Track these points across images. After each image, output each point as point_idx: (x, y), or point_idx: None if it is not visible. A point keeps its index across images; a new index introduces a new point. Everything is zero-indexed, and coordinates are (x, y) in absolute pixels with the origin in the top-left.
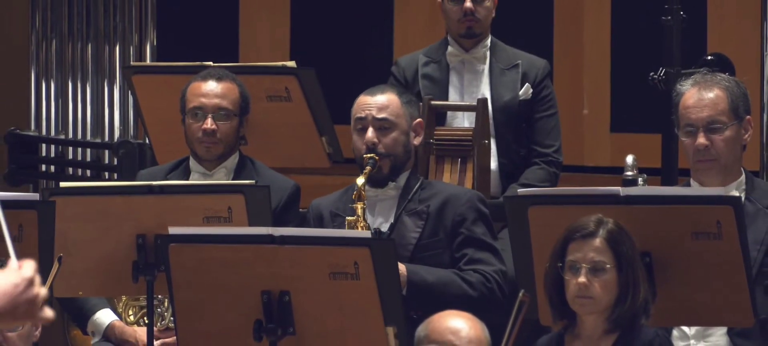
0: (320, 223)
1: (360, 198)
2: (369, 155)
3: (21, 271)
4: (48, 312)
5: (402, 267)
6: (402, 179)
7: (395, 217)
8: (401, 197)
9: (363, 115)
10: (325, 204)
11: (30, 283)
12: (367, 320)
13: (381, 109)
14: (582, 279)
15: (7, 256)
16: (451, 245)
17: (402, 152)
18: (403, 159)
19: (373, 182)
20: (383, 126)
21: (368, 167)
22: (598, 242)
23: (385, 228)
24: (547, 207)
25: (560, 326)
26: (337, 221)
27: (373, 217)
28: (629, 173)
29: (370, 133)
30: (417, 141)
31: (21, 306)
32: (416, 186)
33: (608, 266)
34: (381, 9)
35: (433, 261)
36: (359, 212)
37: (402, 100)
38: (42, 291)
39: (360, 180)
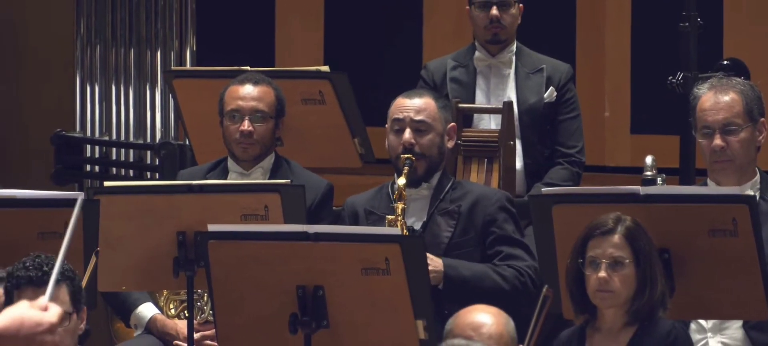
0: (355, 219)
1: (401, 198)
2: (406, 156)
3: (48, 313)
4: None
5: (439, 262)
6: (434, 179)
7: (428, 216)
8: (433, 197)
9: (401, 116)
10: (359, 202)
11: (51, 329)
12: (397, 313)
13: (418, 111)
14: (602, 274)
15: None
16: (482, 243)
17: (437, 154)
18: (438, 161)
19: (408, 181)
20: (420, 128)
21: (406, 168)
22: (616, 238)
23: (417, 227)
24: (570, 206)
25: (582, 320)
26: (371, 218)
27: (407, 216)
28: (649, 173)
29: (408, 134)
30: (450, 144)
31: (34, 344)
32: (448, 186)
33: (627, 260)
34: (411, 16)
35: (465, 259)
36: (399, 211)
37: (438, 104)
38: (57, 340)
39: (401, 181)
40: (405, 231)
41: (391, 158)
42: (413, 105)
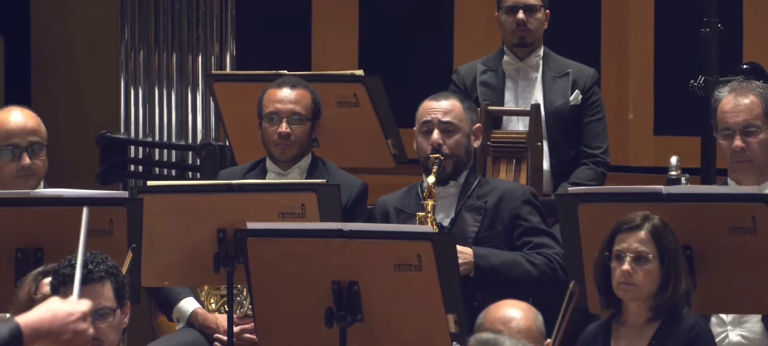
0: (386, 218)
1: (430, 195)
2: (434, 156)
3: (78, 304)
4: None
5: (469, 251)
6: (462, 177)
7: (455, 212)
8: (461, 194)
9: (429, 118)
10: (390, 201)
11: (83, 317)
12: (429, 308)
13: (446, 113)
14: (625, 267)
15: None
16: (509, 237)
17: (463, 154)
18: (465, 160)
19: (436, 180)
20: (447, 129)
21: (435, 167)
22: (643, 234)
23: (446, 223)
24: (596, 204)
25: (607, 315)
26: (401, 216)
27: (435, 213)
28: (674, 173)
29: (436, 135)
30: (476, 144)
31: (67, 334)
32: (474, 184)
33: (650, 256)
34: (442, 21)
35: None
36: (429, 208)
37: (464, 106)
38: (91, 330)
39: (430, 179)
40: (435, 227)
41: (419, 159)
42: (440, 107)
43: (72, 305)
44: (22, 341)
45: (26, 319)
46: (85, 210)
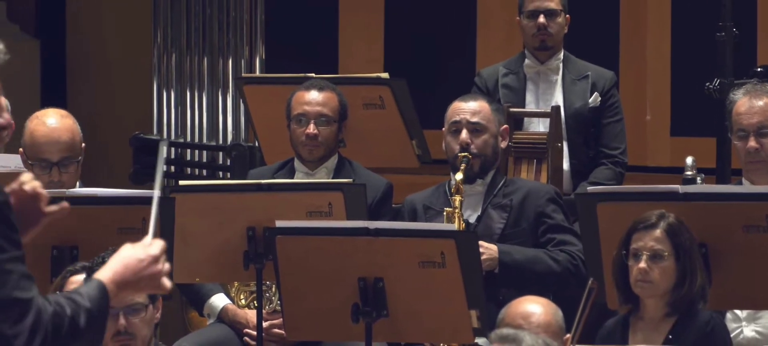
0: (414, 215)
1: (458, 191)
2: (463, 154)
3: (148, 247)
4: (167, 284)
5: (494, 248)
6: (489, 176)
7: (482, 210)
8: (487, 193)
9: (458, 118)
10: (418, 199)
11: (155, 259)
12: (452, 304)
13: (474, 113)
14: (642, 265)
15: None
16: (534, 234)
17: (491, 153)
18: (492, 160)
19: (464, 178)
20: (476, 129)
21: (463, 165)
22: (658, 232)
23: (472, 220)
24: (614, 203)
25: (626, 310)
26: (428, 213)
27: (463, 210)
28: (689, 173)
29: (464, 134)
30: (503, 144)
31: (143, 280)
32: (501, 183)
33: (666, 253)
34: (465, 26)
35: None
36: (457, 203)
37: (492, 107)
38: (166, 267)
39: (458, 176)
40: (461, 223)
41: (448, 158)
42: (469, 108)
43: (142, 251)
44: (109, 296)
45: (105, 274)
46: (162, 146)
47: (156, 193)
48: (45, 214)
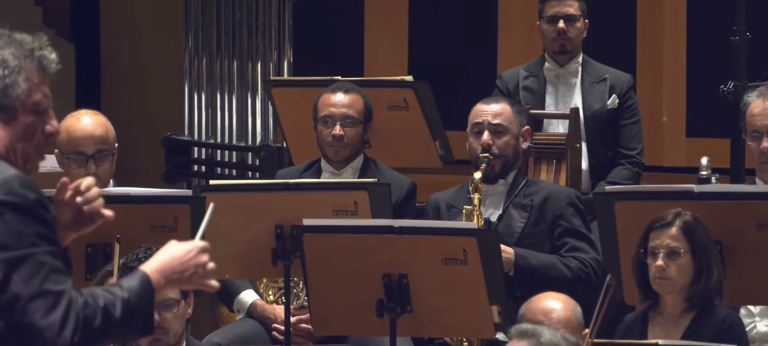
0: (437, 214)
1: (477, 190)
2: (484, 155)
3: (194, 241)
4: (214, 282)
5: (511, 251)
6: (510, 176)
7: (503, 209)
8: (509, 192)
9: (480, 120)
10: (442, 198)
11: (201, 251)
12: (474, 299)
13: (496, 115)
14: (659, 262)
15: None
16: (552, 235)
17: (512, 154)
18: (513, 160)
19: (486, 178)
20: (497, 130)
21: (484, 165)
22: (674, 230)
23: (494, 218)
24: (631, 202)
25: (644, 306)
26: (452, 211)
27: (484, 208)
28: (704, 173)
29: (486, 136)
30: (525, 145)
31: (189, 270)
32: (522, 183)
33: (682, 251)
34: (487, 30)
35: (535, 249)
36: (476, 201)
37: (513, 109)
38: (212, 264)
39: (477, 175)
40: (480, 220)
41: (471, 158)
42: (491, 110)
43: (188, 243)
44: (153, 287)
45: (151, 265)
46: (211, 205)
47: (208, 214)
48: (102, 216)
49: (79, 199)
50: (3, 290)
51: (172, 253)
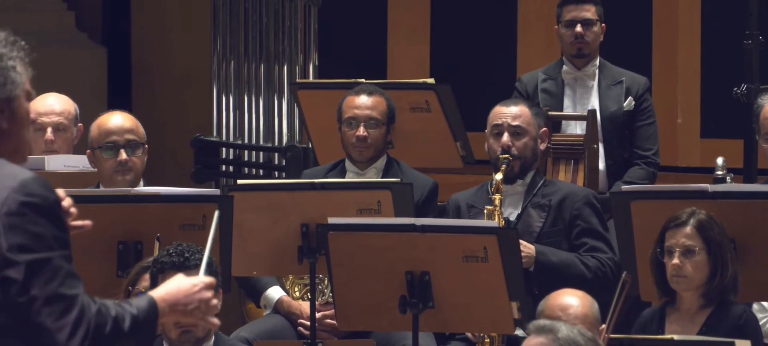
0: (458, 213)
1: (498, 191)
2: (504, 156)
3: (202, 277)
4: (216, 320)
5: (532, 248)
6: (529, 177)
7: (522, 209)
8: (527, 192)
9: (499, 122)
10: (462, 198)
11: (206, 287)
12: (494, 296)
13: (515, 117)
14: (675, 261)
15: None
16: (569, 234)
17: (530, 155)
18: (531, 161)
19: (505, 179)
20: (516, 132)
21: (504, 166)
22: (689, 229)
23: (513, 218)
24: (647, 201)
25: (663, 302)
26: (472, 211)
27: (503, 208)
28: (719, 173)
29: (505, 137)
30: (543, 146)
31: (193, 303)
32: (540, 183)
33: (698, 248)
34: (506, 34)
35: (553, 247)
36: (497, 202)
37: (532, 111)
38: (216, 300)
39: (498, 176)
40: (501, 220)
41: (490, 159)
42: (510, 112)
43: (196, 278)
44: (158, 312)
45: (158, 292)
46: (216, 214)
47: (208, 246)
48: (71, 228)
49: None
50: (21, 292)
51: (179, 285)
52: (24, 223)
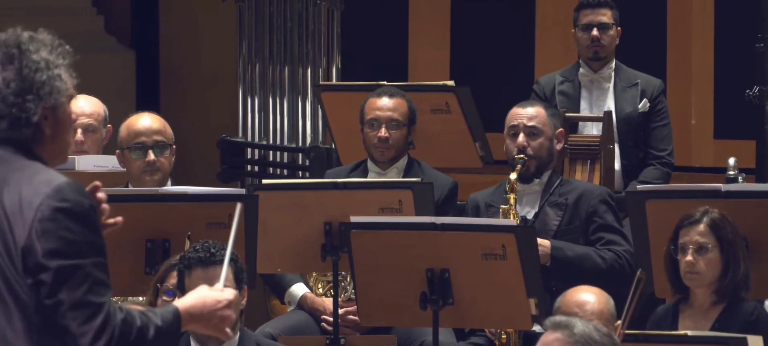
0: (477, 212)
1: (513, 190)
2: (520, 156)
3: (224, 292)
4: (229, 332)
5: (547, 243)
6: (545, 176)
7: (539, 207)
8: (544, 192)
9: (516, 123)
10: (481, 197)
11: (229, 305)
12: (512, 292)
13: (531, 118)
14: (688, 258)
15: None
16: (586, 232)
17: (546, 155)
18: (547, 161)
19: (522, 178)
20: (532, 132)
21: (519, 166)
22: (702, 227)
23: (530, 216)
24: (661, 200)
25: (676, 298)
26: (490, 210)
27: (521, 207)
28: (732, 173)
29: (522, 138)
30: (559, 147)
31: (214, 319)
32: (556, 183)
33: (710, 246)
34: (525, 37)
35: None
36: (511, 201)
37: (548, 112)
38: (234, 315)
39: (513, 176)
40: (517, 218)
41: (508, 159)
42: (526, 113)
43: (220, 293)
44: (181, 323)
45: (183, 303)
46: (238, 206)
47: (229, 248)
48: (104, 225)
49: (100, 194)
50: (49, 296)
51: (204, 299)
52: (57, 228)
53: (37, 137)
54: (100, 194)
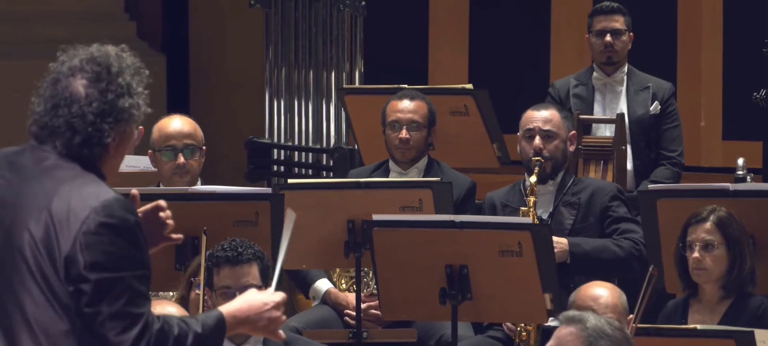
0: (493, 211)
1: (532, 193)
2: (536, 158)
3: (273, 295)
4: (281, 334)
5: (564, 241)
6: (559, 177)
7: (553, 207)
8: (558, 192)
9: (531, 126)
10: (497, 196)
11: (277, 306)
12: (528, 288)
13: (546, 121)
14: (696, 255)
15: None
16: (601, 227)
17: (561, 157)
18: (561, 162)
19: (537, 179)
20: (547, 135)
21: (537, 168)
22: (708, 225)
23: (545, 216)
24: (672, 199)
25: (686, 294)
26: (506, 209)
27: (536, 208)
28: (740, 172)
29: (537, 140)
30: (572, 148)
31: (262, 321)
32: (570, 182)
33: (717, 243)
34: (540, 42)
35: None
36: (531, 203)
37: (562, 115)
38: (284, 317)
39: (532, 179)
40: (536, 221)
41: (523, 161)
42: (541, 116)
43: (267, 296)
44: (225, 327)
45: (227, 308)
46: (289, 212)
47: (281, 255)
48: (167, 239)
49: (162, 214)
50: (89, 305)
51: (251, 303)
52: (101, 243)
53: (102, 155)
54: (164, 213)
